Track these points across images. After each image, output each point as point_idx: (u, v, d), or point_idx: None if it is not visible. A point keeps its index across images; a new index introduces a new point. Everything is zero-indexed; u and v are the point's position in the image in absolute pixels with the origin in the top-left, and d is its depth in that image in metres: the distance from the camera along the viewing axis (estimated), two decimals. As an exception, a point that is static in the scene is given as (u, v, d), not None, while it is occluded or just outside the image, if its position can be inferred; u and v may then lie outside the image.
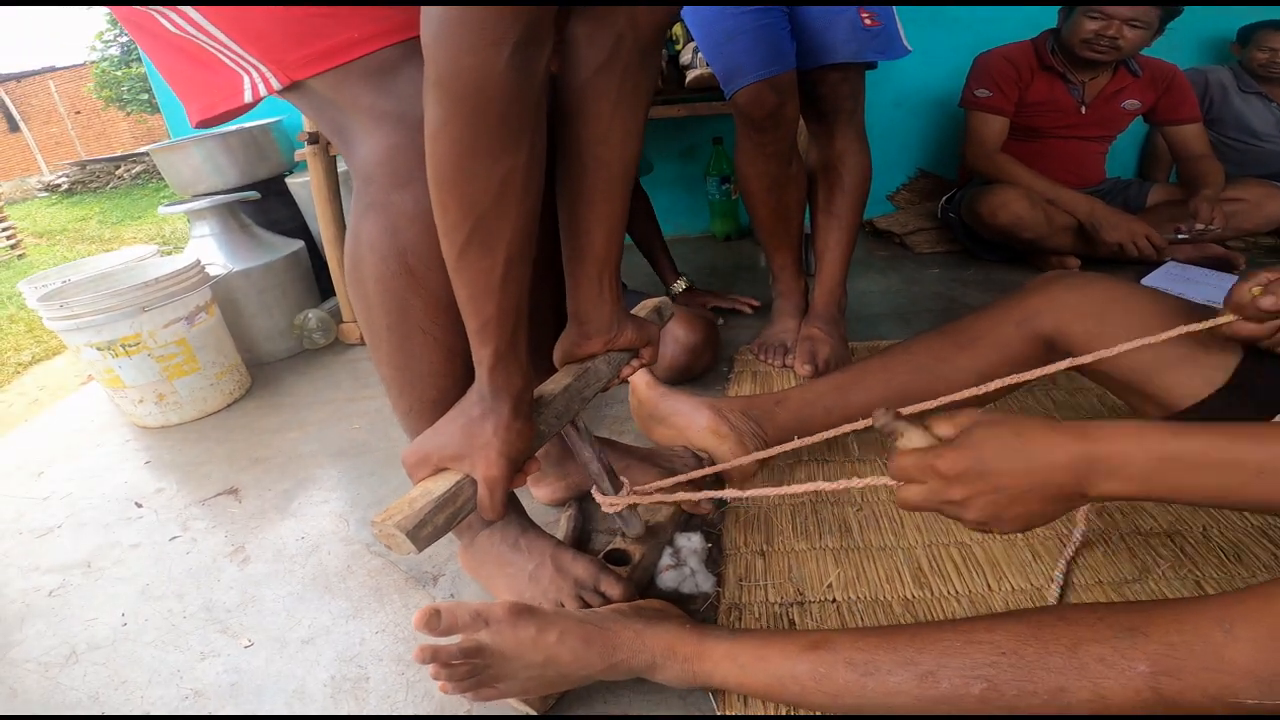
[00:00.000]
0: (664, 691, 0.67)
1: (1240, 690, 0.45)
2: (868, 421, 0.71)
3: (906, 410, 0.70)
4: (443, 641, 0.62)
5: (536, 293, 0.63)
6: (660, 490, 0.81)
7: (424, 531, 0.57)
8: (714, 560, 0.86)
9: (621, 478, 0.82)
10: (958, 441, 0.55)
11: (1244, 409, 0.74)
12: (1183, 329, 0.69)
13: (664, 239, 1.73)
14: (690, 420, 0.99)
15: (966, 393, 0.71)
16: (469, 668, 0.62)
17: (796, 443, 0.77)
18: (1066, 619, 0.52)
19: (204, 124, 0.71)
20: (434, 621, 0.61)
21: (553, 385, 0.72)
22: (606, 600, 0.75)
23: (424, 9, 0.49)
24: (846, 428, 0.73)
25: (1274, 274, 0.66)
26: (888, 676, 0.55)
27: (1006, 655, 0.51)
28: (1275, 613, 0.46)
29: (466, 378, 0.68)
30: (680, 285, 1.70)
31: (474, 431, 0.61)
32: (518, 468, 0.63)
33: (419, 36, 0.50)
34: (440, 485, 0.60)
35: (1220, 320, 0.69)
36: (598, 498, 0.80)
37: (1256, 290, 0.66)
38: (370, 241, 0.65)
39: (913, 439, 0.57)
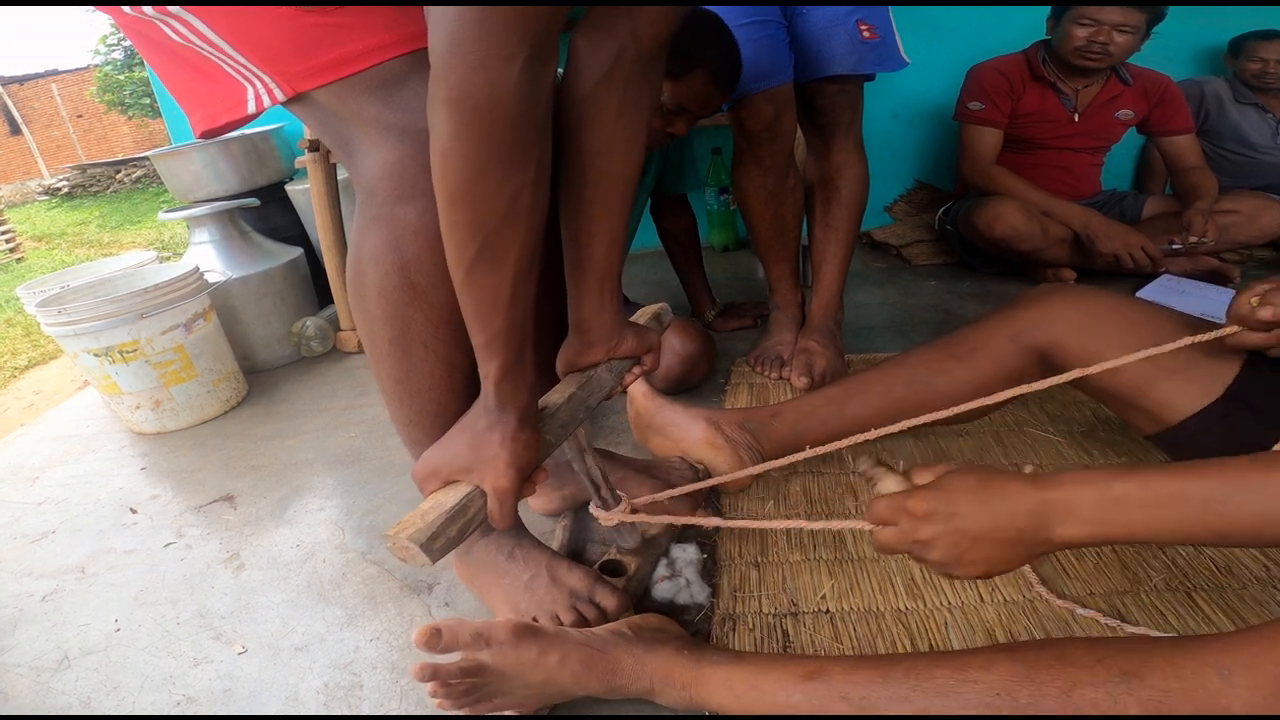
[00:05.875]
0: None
1: None
2: (866, 436, 0.73)
3: (905, 424, 0.70)
4: (442, 659, 0.62)
5: (539, 303, 0.63)
6: (655, 506, 0.81)
7: (437, 543, 0.57)
8: (709, 571, 0.86)
9: (619, 492, 0.82)
10: (930, 484, 0.58)
11: (1242, 422, 0.73)
12: (1189, 340, 0.70)
13: (703, 264, 1.67)
14: (686, 432, 0.99)
15: (965, 406, 0.72)
16: (467, 686, 0.62)
17: (796, 456, 0.77)
18: (1065, 659, 0.51)
19: (207, 134, 0.71)
20: (434, 640, 0.61)
21: (557, 395, 0.72)
22: (601, 611, 0.75)
23: (431, 26, 0.48)
24: (845, 441, 0.74)
25: (1271, 284, 0.68)
26: (881, 713, 0.55)
27: (1001, 697, 0.51)
28: (1277, 660, 0.44)
29: (467, 391, 0.68)
30: (712, 314, 1.66)
31: (482, 444, 0.61)
32: (526, 478, 0.63)
33: (426, 48, 0.49)
34: (451, 497, 0.61)
35: (1225, 331, 0.70)
36: (594, 512, 0.81)
37: (1255, 301, 0.68)
38: (373, 255, 0.65)
39: (889, 484, 0.62)
